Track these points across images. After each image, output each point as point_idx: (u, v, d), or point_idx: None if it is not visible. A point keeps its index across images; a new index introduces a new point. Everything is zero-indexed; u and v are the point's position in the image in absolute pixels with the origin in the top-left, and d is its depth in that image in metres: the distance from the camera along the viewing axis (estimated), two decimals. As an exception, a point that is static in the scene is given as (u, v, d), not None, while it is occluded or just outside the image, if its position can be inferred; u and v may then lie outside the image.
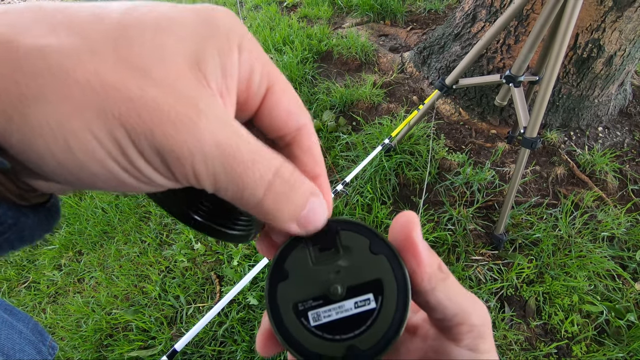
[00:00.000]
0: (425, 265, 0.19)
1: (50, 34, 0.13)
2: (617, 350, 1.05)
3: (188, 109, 0.14)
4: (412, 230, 0.19)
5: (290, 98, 0.19)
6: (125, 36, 0.14)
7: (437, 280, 0.19)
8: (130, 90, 0.13)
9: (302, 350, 0.19)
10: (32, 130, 0.12)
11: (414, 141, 1.53)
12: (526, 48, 1.03)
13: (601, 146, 1.58)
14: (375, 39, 2.21)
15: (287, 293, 0.20)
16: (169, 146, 0.14)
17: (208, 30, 0.15)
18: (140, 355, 1.12)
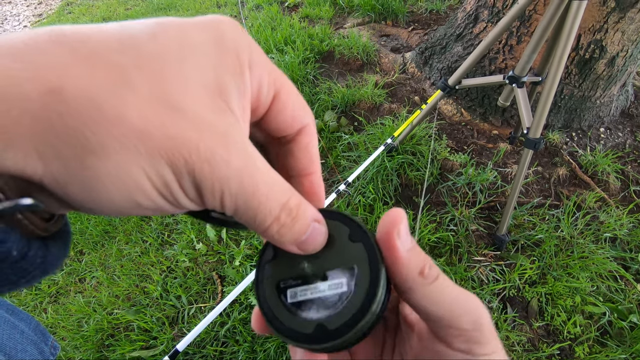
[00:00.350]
0: (401, 266, 0.20)
1: (90, 73, 0.13)
2: (620, 351, 1.05)
3: (221, 150, 0.15)
4: (393, 229, 0.20)
5: (295, 102, 0.20)
6: (155, 70, 0.15)
7: (416, 282, 0.20)
8: (170, 130, 0.14)
9: (277, 325, 0.21)
10: (93, 179, 0.14)
11: (415, 141, 1.53)
12: (529, 49, 1.03)
13: (603, 147, 1.58)
14: (377, 39, 2.21)
15: (273, 271, 0.22)
16: (205, 182, 0.16)
17: (221, 52, 0.17)
18: (142, 356, 1.12)
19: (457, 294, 0.20)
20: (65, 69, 0.13)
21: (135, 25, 0.16)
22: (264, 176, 0.17)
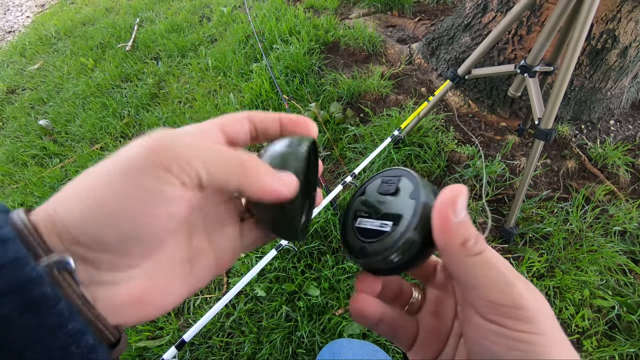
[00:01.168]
0: (446, 233, 0.22)
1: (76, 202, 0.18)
2: (629, 345, 1.04)
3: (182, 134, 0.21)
4: (449, 200, 0.22)
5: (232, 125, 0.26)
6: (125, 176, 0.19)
7: (457, 252, 0.22)
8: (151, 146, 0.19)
9: (343, 235, 0.29)
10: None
11: (422, 133, 1.51)
12: (542, 37, 1.00)
13: (613, 140, 1.56)
14: (383, 30, 2.18)
15: (357, 203, 0.29)
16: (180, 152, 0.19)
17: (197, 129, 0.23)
18: (148, 346, 1.12)
19: (498, 275, 0.21)
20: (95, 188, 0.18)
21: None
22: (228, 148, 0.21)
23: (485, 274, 0.21)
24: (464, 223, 0.21)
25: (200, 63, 2.22)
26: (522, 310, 0.20)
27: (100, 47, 2.67)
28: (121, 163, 0.18)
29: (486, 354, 0.22)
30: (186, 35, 2.55)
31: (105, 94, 2.21)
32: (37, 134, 2.07)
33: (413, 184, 0.26)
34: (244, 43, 2.23)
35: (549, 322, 0.20)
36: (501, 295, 0.21)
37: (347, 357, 0.61)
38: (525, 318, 0.20)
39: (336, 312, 1.12)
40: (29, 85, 2.52)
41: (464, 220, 0.21)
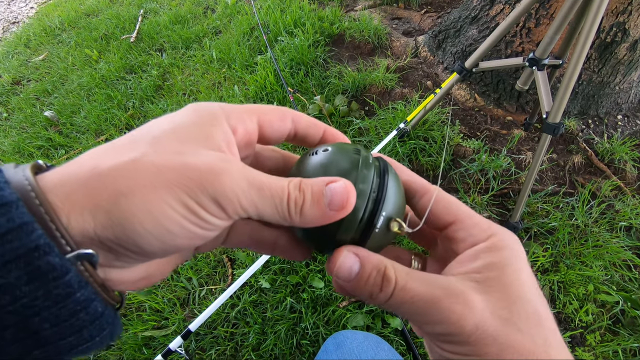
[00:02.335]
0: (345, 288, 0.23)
1: (114, 153, 0.19)
2: (632, 340, 1.04)
3: (220, 164, 0.19)
4: (336, 274, 0.22)
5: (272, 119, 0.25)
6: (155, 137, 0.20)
7: (370, 302, 0.22)
8: (175, 165, 0.18)
9: None
10: (129, 216, 0.17)
11: (428, 127, 1.50)
12: (552, 30, 0.99)
13: (620, 135, 1.54)
14: (388, 22, 2.16)
15: None
16: (218, 191, 0.19)
17: (201, 117, 0.21)
18: (154, 335, 1.13)
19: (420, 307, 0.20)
20: (96, 158, 0.19)
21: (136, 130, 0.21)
22: (262, 175, 0.21)
23: (406, 309, 0.20)
24: (358, 282, 0.21)
25: (205, 55, 2.21)
26: (456, 336, 0.19)
27: (105, 38, 2.67)
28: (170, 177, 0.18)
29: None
30: (190, 26, 2.54)
31: (110, 86, 2.21)
32: (43, 125, 2.08)
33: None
34: (248, 35, 2.22)
35: (492, 341, 0.19)
36: (432, 327, 0.20)
37: (351, 348, 0.62)
38: (461, 341, 0.19)
39: (340, 304, 1.13)
40: (33, 77, 2.52)
41: (356, 279, 0.21)
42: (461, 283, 0.20)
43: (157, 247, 0.19)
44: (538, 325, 0.20)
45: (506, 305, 0.20)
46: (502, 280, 0.20)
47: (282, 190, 0.20)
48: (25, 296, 0.15)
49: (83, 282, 0.17)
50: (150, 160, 0.18)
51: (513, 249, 0.22)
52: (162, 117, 0.21)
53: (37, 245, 0.15)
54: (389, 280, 0.20)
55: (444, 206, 0.24)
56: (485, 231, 0.23)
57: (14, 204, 0.16)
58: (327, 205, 0.21)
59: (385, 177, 0.23)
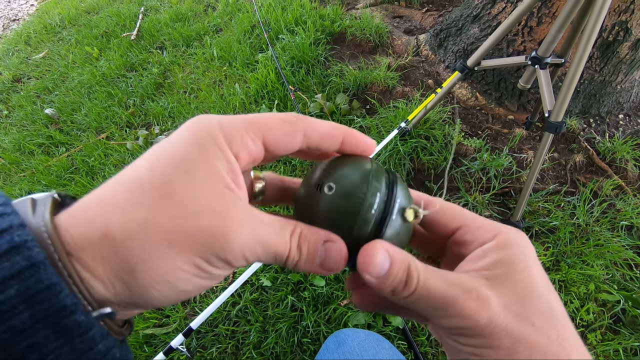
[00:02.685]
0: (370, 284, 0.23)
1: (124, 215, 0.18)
2: (633, 339, 1.04)
3: (230, 226, 0.19)
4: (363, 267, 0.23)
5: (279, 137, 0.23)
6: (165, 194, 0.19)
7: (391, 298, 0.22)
8: (186, 229, 0.19)
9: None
10: (146, 285, 0.18)
11: (429, 125, 1.50)
12: (555, 28, 0.99)
13: (622, 134, 1.54)
14: (390, 21, 2.15)
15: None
16: (227, 253, 0.19)
17: (202, 147, 0.20)
18: (155, 333, 1.13)
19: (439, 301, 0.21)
20: (106, 216, 0.18)
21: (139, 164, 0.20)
22: (269, 226, 0.21)
23: (425, 305, 0.21)
24: (386, 279, 0.21)
25: (206, 53, 2.21)
26: (470, 329, 0.20)
27: (105, 36, 2.66)
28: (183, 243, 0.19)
29: (453, 356, 0.23)
30: (191, 24, 2.53)
31: (111, 84, 2.21)
32: (43, 123, 2.07)
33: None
34: (249, 33, 2.21)
35: (505, 335, 0.19)
36: (448, 320, 0.21)
37: (353, 346, 0.62)
38: (475, 334, 0.20)
39: (341, 303, 1.13)
40: (34, 74, 2.52)
41: (385, 276, 0.21)
42: (473, 280, 0.21)
43: (170, 302, 0.20)
44: (551, 320, 0.20)
45: (517, 301, 0.20)
46: (511, 276, 0.21)
47: (284, 248, 0.21)
48: (51, 353, 0.16)
49: (105, 334, 0.18)
50: (162, 225, 0.18)
51: (520, 246, 0.22)
52: (162, 149, 0.20)
53: (64, 305, 0.16)
54: (412, 277, 0.21)
55: (449, 214, 0.25)
56: (491, 231, 0.23)
57: (41, 265, 0.16)
58: (318, 265, 0.22)
59: (395, 184, 0.24)
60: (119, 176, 0.20)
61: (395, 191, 0.23)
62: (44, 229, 0.17)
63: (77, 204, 0.19)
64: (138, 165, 0.20)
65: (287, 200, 0.29)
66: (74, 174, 1.74)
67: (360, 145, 0.26)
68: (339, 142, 0.25)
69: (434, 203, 0.26)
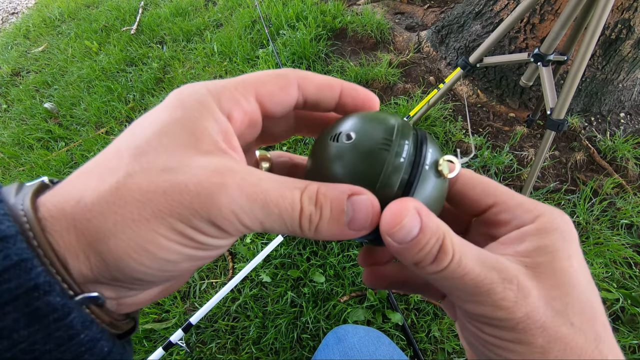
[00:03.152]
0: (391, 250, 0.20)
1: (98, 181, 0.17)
2: (632, 337, 1.05)
3: (213, 179, 0.16)
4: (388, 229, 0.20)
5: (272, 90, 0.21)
6: (139, 154, 0.17)
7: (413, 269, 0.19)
8: (162, 187, 0.16)
9: None
10: (122, 255, 0.16)
11: (430, 122, 1.50)
12: (558, 25, 0.98)
13: (623, 132, 1.54)
14: (391, 17, 2.14)
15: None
16: (213, 213, 0.16)
17: (186, 110, 0.18)
18: (154, 328, 1.13)
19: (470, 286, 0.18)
20: (82, 184, 0.17)
21: (122, 135, 0.18)
22: (270, 182, 0.18)
23: (453, 285, 0.18)
24: (412, 247, 0.18)
25: (206, 48, 2.19)
26: (502, 321, 0.18)
27: (105, 30, 2.64)
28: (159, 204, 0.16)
29: (468, 340, 0.21)
30: (191, 19, 2.52)
31: (110, 78, 2.20)
32: (43, 117, 2.06)
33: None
34: (250, 28, 2.20)
35: (541, 332, 0.17)
36: (476, 306, 0.18)
37: (352, 342, 0.62)
38: (506, 327, 0.18)
39: (341, 299, 1.13)
40: (33, 68, 2.50)
41: (411, 243, 0.18)
42: (514, 266, 0.18)
43: (160, 277, 0.17)
44: (592, 320, 0.18)
45: (559, 295, 0.18)
46: (554, 266, 0.18)
47: (292, 206, 0.18)
48: (24, 340, 0.14)
49: (88, 322, 0.16)
50: (136, 185, 0.16)
51: (564, 232, 0.19)
52: (144, 116, 0.19)
53: (36, 284, 0.14)
54: (445, 253, 0.18)
55: (481, 188, 0.22)
56: (532, 211, 0.20)
57: (11, 239, 0.14)
58: (347, 223, 0.18)
59: (426, 139, 0.20)
60: (105, 149, 0.19)
61: (425, 144, 0.20)
62: (20, 206, 0.16)
63: (63, 181, 0.17)
64: (120, 135, 0.19)
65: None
66: (73, 169, 1.73)
67: (360, 97, 0.23)
68: (337, 94, 0.22)
69: (461, 177, 0.22)
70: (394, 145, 0.19)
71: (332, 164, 0.20)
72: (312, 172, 0.21)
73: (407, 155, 0.19)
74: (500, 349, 0.18)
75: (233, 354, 1.09)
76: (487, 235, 0.22)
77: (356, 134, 0.19)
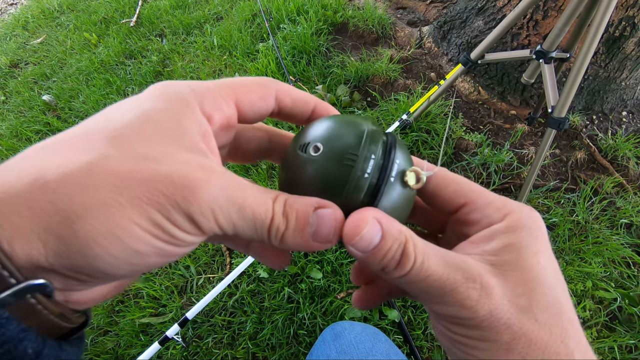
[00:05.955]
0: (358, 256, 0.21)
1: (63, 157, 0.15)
2: (629, 337, 1.05)
3: (197, 174, 0.16)
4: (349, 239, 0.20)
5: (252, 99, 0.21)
6: (118, 137, 0.16)
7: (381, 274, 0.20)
8: (143, 174, 0.15)
9: None
10: (88, 241, 0.15)
11: (430, 119, 1.48)
12: (561, 22, 0.97)
13: (624, 131, 1.53)
14: (393, 12, 2.12)
15: None
16: (192, 207, 0.16)
17: (171, 105, 0.18)
18: (151, 322, 1.13)
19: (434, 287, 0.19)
20: (41, 161, 0.15)
21: (92, 118, 0.18)
22: (249, 188, 0.18)
23: (419, 288, 0.19)
24: (375, 254, 0.18)
25: (206, 41, 2.18)
26: (467, 320, 0.18)
27: (104, 22, 2.62)
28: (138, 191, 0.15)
29: (440, 341, 0.22)
30: (191, 12, 2.50)
31: (109, 71, 2.18)
32: (41, 109, 2.05)
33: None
34: (250, 22, 2.18)
35: (505, 329, 0.18)
36: (443, 307, 0.19)
37: (349, 339, 0.62)
38: (471, 325, 0.18)
39: (338, 296, 1.13)
40: (32, 60, 2.48)
41: (374, 250, 0.18)
42: (478, 265, 0.19)
43: (125, 270, 0.16)
44: (557, 315, 0.18)
45: (524, 292, 0.18)
46: (520, 263, 0.19)
47: (265, 213, 0.18)
48: None
49: (3, 319, 0.14)
50: (111, 168, 0.15)
51: (532, 229, 0.20)
52: (121, 102, 0.18)
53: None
54: (407, 257, 0.18)
55: (454, 188, 0.22)
56: (501, 210, 0.21)
57: None
58: (311, 235, 0.19)
59: (394, 146, 0.21)
60: (62, 133, 0.17)
61: (393, 153, 0.20)
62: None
63: (10, 159, 0.16)
64: (89, 119, 0.17)
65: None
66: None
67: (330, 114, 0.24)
68: (310, 110, 0.24)
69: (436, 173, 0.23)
70: (360, 156, 0.19)
71: (301, 175, 0.20)
72: (284, 182, 0.22)
73: (373, 166, 0.19)
74: (468, 347, 0.19)
75: (229, 349, 1.09)
76: (460, 234, 0.23)
77: (324, 146, 0.20)
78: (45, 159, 0.15)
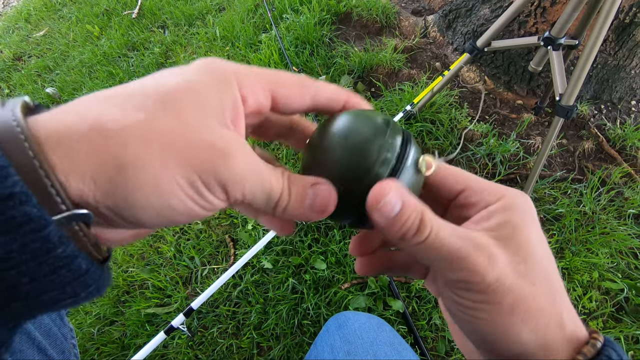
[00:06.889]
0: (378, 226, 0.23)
1: (122, 112, 0.17)
2: (635, 327, 1.04)
3: (232, 146, 0.19)
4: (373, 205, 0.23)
5: (289, 94, 0.23)
6: (171, 100, 0.18)
7: (398, 244, 0.22)
8: (191, 142, 0.18)
9: None
10: (134, 187, 0.17)
11: (435, 109, 1.47)
12: (570, 8, 0.95)
13: (633, 121, 1.50)
14: (398, 1, 2.09)
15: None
16: (227, 175, 0.18)
17: (215, 81, 0.20)
18: (156, 312, 1.14)
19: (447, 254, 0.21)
20: (101, 110, 0.17)
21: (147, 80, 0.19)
22: (264, 166, 0.21)
23: (434, 255, 0.21)
24: (396, 221, 0.20)
25: (208, 33, 2.16)
26: (476, 284, 0.20)
27: (106, 14, 2.61)
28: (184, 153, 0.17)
29: (447, 307, 0.24)
30: (193, 2, 2.47)
31: (112, 63, 2.18)
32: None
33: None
34: (253, 12, 2.16)
35: (508, 292, 0.20)
36: (455, 273, 0.21)
37: (353, 328, 0.61)
38: (480, 290, 0.20)
39: (342, 286, 1.13)
40: (34, 52, 2.48)
41: (394, 218, 0.20)
42: (484, 237, 0.21)
43: (155, 221, 0.18)
44: (549, 281, 0.21)
45: (522, 261, 0.21)
46: (516, 237, 0.21)
47: (279, 185, 0.21)
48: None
49: (64, 238, 0.16)
50: (161, 128, 0.17)
51: (524, 209, 0.23)
52: (169, 70, 0.20)
53: (11, 193, 0.14)
54: (425, 225, 0.20)
55: (452, 177, 0.25)
56: (495, 194, 0.24)
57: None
58: (308, 206, 0.22)
59: (410, 140, 0.24)
60: (116, 87, 0.19)
61: (410, 143, 0.23)
62: (10, 116, 0.16)
63: (70, 102, 0.18)
64: (140, 80, 0.19)
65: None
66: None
67: (362, 107, 0.27)
68: (342, 103, 0.26)
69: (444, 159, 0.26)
70: (386, 141, 0.22)
71: (330, 156, 0.23)
72: (310, 162, 0.25)
73: (394, 152, 0.22)
74: (475, 310, 0.21)
75: (234, 338, 1.10)
76: (460, 217, 0.25)
77: (353, 132, 0.23)
78: (105, 108, 0.17)
